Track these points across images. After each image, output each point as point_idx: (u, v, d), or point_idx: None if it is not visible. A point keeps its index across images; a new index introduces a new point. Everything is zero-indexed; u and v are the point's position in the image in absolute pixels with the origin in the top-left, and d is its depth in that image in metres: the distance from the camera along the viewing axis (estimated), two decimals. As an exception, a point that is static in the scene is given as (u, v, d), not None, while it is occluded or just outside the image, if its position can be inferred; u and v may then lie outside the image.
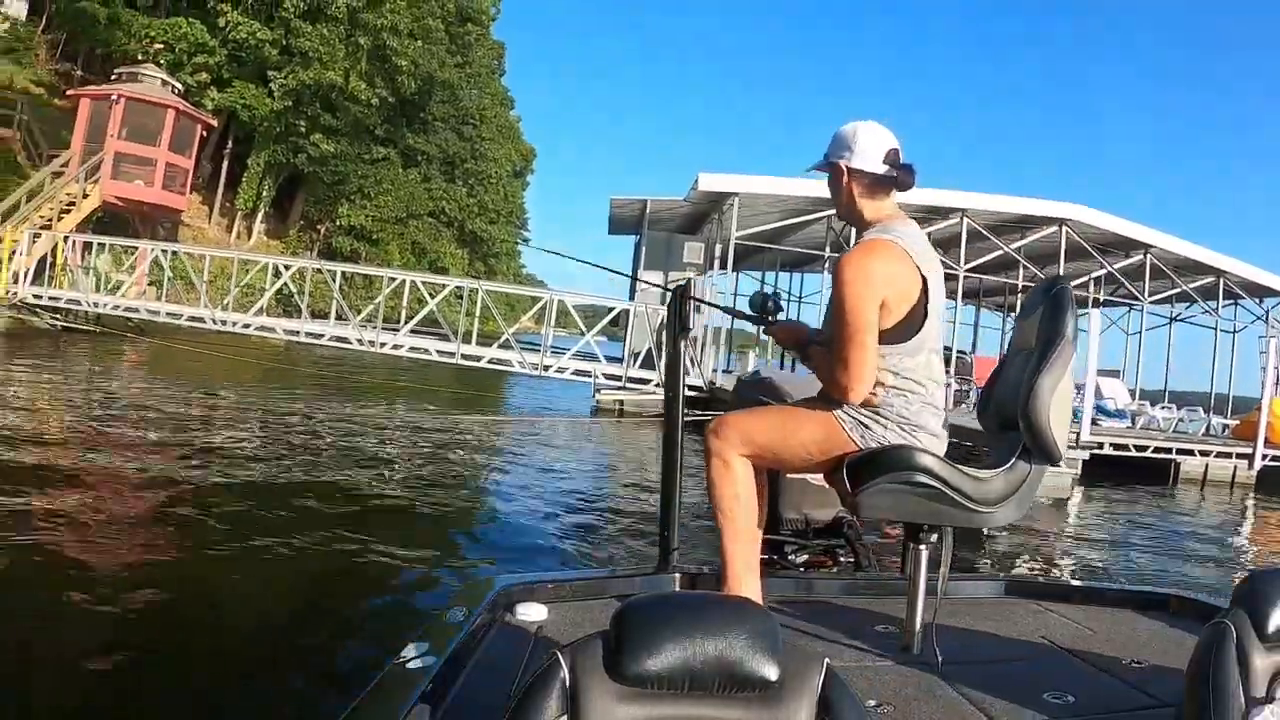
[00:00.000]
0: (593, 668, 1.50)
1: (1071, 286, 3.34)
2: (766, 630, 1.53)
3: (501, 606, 3.24)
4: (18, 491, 9.89)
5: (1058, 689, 2.82)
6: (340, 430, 17.58)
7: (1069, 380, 3.25)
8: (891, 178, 3.38)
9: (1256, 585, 2.14)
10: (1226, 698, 1.94)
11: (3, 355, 22.76)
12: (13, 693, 5.03)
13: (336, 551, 8.72)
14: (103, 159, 32.04)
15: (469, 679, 2.61)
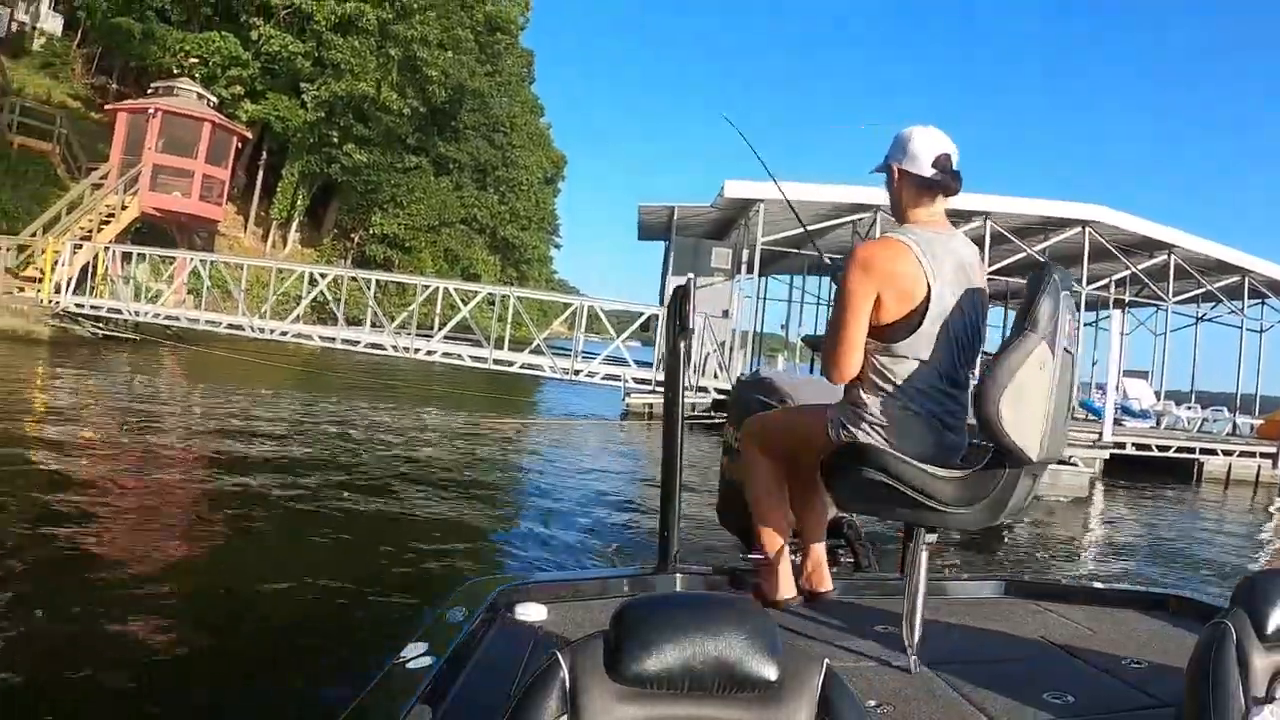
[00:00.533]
0: (593, 668, 1.51)
1: (1063, 272, 3.18)
2: (766, 630, 1.53)
3: (501, 606, 3.26)
4: (54, 488, 10.33)
5: (1058, 689, 2.83)
6: (371, 433, 17.98)
7: (1042, 374, 3.07)
8: (938, 182, 3.37)
9: (1256, 585, 2.16)
10: (1226, 698, 1.96)
11: (47, 362, 23.46)
12: (11, 687, 5.15)
13: (343, 552, 8.93)
14: (141, 171, 32.40)
15: (469, 679, 2.63)
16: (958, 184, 3.38)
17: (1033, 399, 3.07)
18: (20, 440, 13.29)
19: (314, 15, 42.61)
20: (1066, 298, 3.11)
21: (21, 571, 7.20)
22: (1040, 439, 3.09)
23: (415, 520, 10.70)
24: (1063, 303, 3.09)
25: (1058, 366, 3.08)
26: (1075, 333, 3.16)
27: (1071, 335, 3.13)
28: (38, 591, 6.82)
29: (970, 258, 3.36)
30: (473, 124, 62.48)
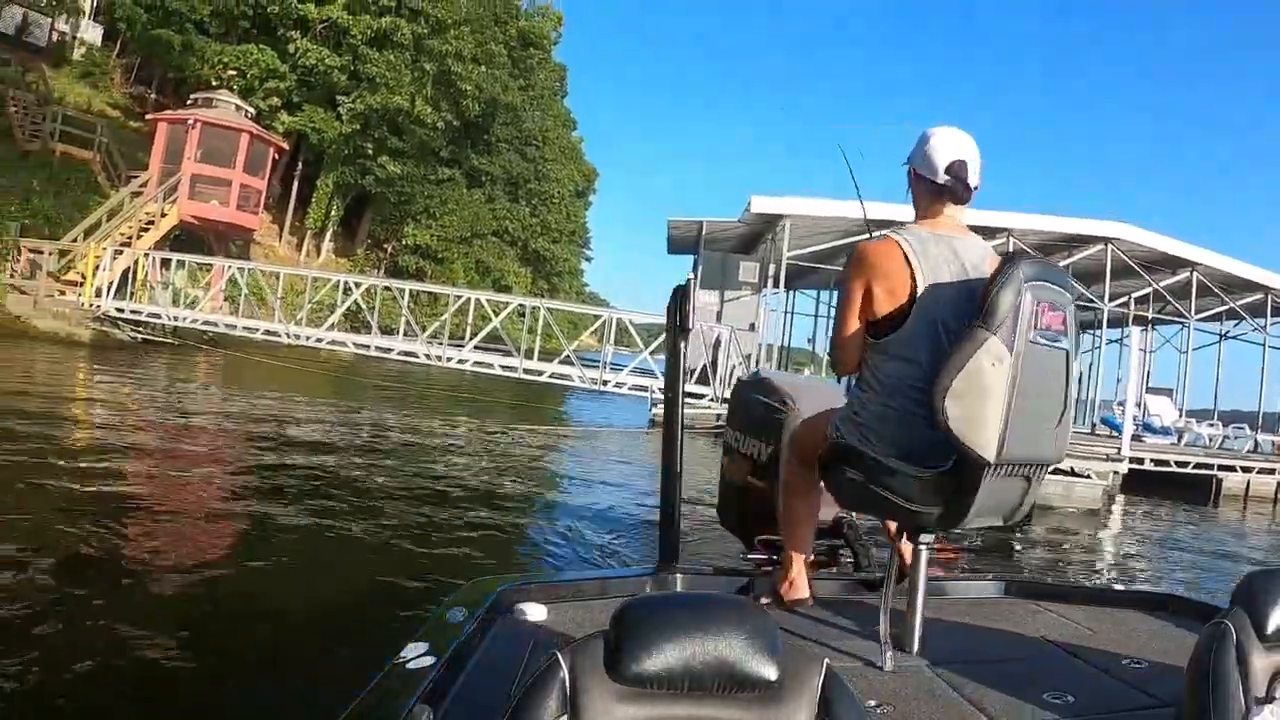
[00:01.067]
0: (593, 668, 1.51)
1: (1036, 264, 3.08)
2: (766, 631, 1.53)
3: (501, 606, 3.26)
4: (81, 484, 10.60)
5: (1058, 689, 2.83)
6: (401, 436, 18.34)
7: (997, 370, 2.94)
8: (947, 189, 3.34)
9: (1256, 585, 2.17)
10: (1226, 698, 1.96)
11: (87, 364, 23.94)
12: (15, 680, 5.19)
13: (357, 552, 8.99)
14: (180, 180, 32.94)
15: (469, 679, 2.64)
16: (967, 193, 3.35)
17: (985, 397, 2.98)
18: (59, 437, 13.72)
19: (350, 30, 43.23)
20: (1039, 288, 3.01)
21: (34, 565, 7.29)
22: (997, 438, 2.98)
23: (434, 522, 10.74)
24: (1029, 294, 2.99)
25: (1018, 362, 2.96)
26: (1061, 326, 3.07)
27: (1053, 329, 3.05)
28: (45, 586, 6.87)
29: (978, 261, 3.26)
30: (505, 137, 62.91)
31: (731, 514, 4.65)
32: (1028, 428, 3.03)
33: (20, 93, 33.97)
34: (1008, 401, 2.96)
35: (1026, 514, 3.33)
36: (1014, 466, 3.09)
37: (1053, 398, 3.12)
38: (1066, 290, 3.14)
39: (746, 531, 4.48)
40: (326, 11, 43.17)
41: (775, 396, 4.33)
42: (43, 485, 10.34)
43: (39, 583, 7.00)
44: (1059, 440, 3.18)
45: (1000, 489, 3.13)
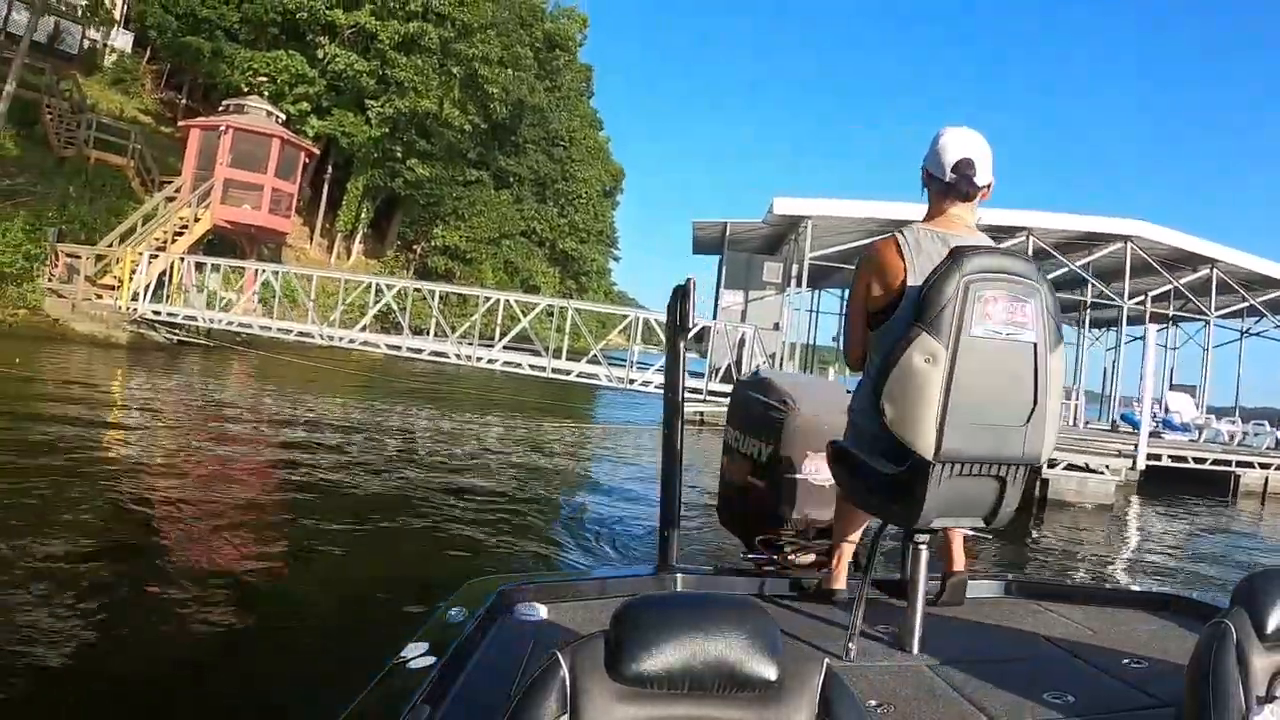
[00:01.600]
0: (593, 668, 1.51)
1: (983, 255, 3.07)
2: (766, 630, 1.53)
3: (501, 606, 3.25)
4: (110, 480, 10.89)
5: (1058, 689, 2.82)
6: (426, 434, 18.85)
7: (931, 367, 2.98)
8: (953, 186, 3.43)
9: (1256, 585, 2.16)
10: (1226, 697, 1.96)
11: (126, 366, 24.53)
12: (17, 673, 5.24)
13: (357, 550, 9.02)
14: (213, 185, 33.30)
15: (469, 679, 2.62)
16: (973, 189, 3.43)
17: (918, 395, 3.00)
18: (99, 434, 14.20)
19: (378, 35, 43.65)
20: (985, 281, 3.01)
21: (47, 559, 7.39)
22: (934, 436, 3.00)
23: (454, 518, 10.82)
24: (972, 288, 2.99)
25: (957, 358, 2.97)
26: (1024, 318, 3.02)
27: (1012, 321, 3.00)
28: (55, 579, 6.92)
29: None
30: (532, 138, 63.28)
31: (731, 514, 4.71)
32: (978, 425, 3.01)
33: (55, 100, 34.29)
34: (943, 398, 2.98)
35: (1010, 514, 3.22)
36: (976, 466, 3.07)
37: (1015, 394, 3.05)
38: (1029, 280, 3.06)
39: (746, 531, 4.53)
40: (354, 17, 43.56)
41: (775, 396, 4.38)
42: (77, 480, 10.64)
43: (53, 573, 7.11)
44: (1032, 438, 3.08)
45: (966, 488, 3.11)
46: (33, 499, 9.64)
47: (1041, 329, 3.05)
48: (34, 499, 9.64)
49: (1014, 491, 3.17)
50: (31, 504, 9.43)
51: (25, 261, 27.90)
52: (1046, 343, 3.06)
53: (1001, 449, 3.07)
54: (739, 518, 4.62)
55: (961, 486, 3.10)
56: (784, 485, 4.29)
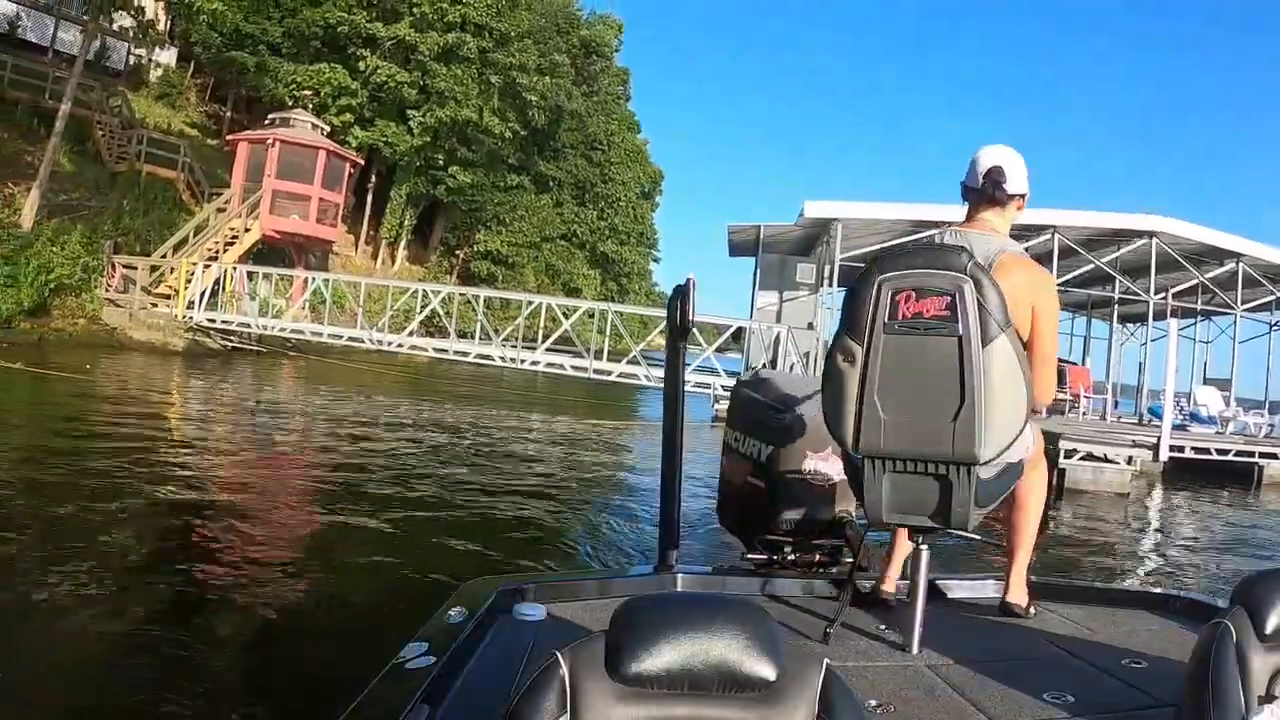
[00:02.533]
0: (592, 668, 1.51)
1: (897, 255, 3.20)
2: (766, 631, 1.53)
3: (501, 606, 3.24)
4: (157, 477, 11.23)
5: (1058, 689, 2.82)
6: (471, 431, 19.48)
7: (850, 365, 3.13)
8: (983, 190, 3.64)
9: (1256, 585, 2.14)
10: (1226, 697, 1.94)
11: (183, 371, 25.51)
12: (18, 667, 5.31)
13: (364, 550, 8.96)
14: (261, 197, 34.16)
15: (469, 679, 2.63)
16: (1000, 194, 3.62)
17: (839, 392, 3.16)
18: (154, 432, 14.97)
19: (418, 46, 44.34)
20: (901, 279, 3.09)
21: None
22: (852, 429, 3.13)
23: (480, 515, 10.97)
24: (886, 287, 3.10)
25: (874, 356, 3.10)
26: (944, 313, 3.03)
27: (928, 316, 3.05)
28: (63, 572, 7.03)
29: (990, 256, 3.40)
30: (571, 143, 63.41)
31: (731, 514, 4.68)
32: (897, 421, 3.08)
33: (106, 117, 34.97)
34: (859, 395, 3.11)
35: (971, 516, 3.15)
36: (908, 463, 3.12)
37: (938, 390, 3.05)
38: (955, 274, 3.05)
39: (746, 531, 4.52)
40: (395, 30, 44.25)
41: (775, 396, 4.40)
42: (136, 468, 11.34)
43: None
44: (961, 436, 3.04)
45: (907, 486, 3.16)
46: (99, 481, 10.40)
47: (970, 324, 3.00)
48: (100, 482, 10.39)
49: (966, 492, 3.10)
50: (93, 485, 10.21)
51: (83, 273, 28.46)
52: (975, 338, 3.00)
53: (925, 445, 3.09)
54: (739, 518, 4.59)
55: (902, 484, 3.16)
56: (784, 485, 4.28)
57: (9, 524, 8.61)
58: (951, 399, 3.03)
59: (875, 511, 3.20)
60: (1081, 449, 17.95)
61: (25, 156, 30.86)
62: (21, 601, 6.54)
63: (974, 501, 3.12)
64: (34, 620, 6.26)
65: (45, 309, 27.02)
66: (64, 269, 27.55)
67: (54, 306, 27.45)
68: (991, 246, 3.47)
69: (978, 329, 3.00)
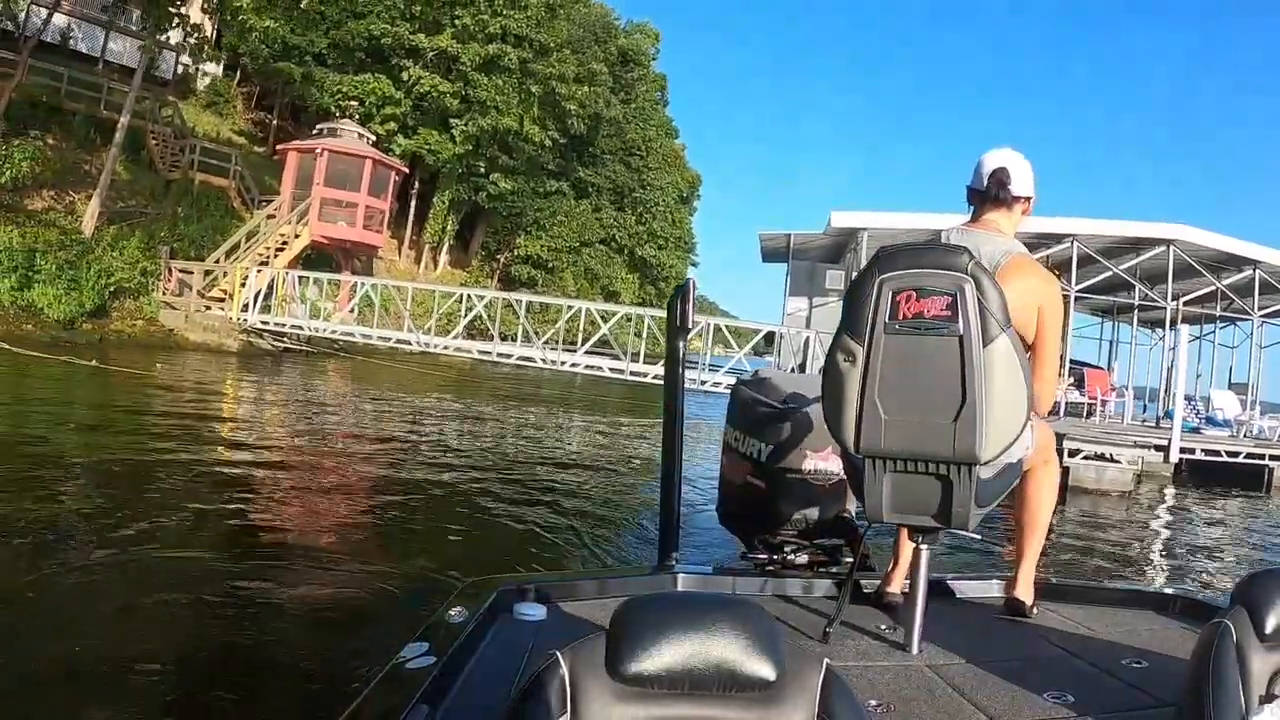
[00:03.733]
0: (592, 668, 1.51)
1: (896, 253, 3.18)
2: (766, 630, 1.52)
3: (501, 606, 3.24)
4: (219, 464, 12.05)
5: (1058, 689, 2.82)
6: (520, 429, 20.52)
7: (851, 365, 3.15)
8: (985, 191, 3.66)
9: (1256, 584, 2.14)
10: (1226, 697, 1.93)
11: (237, 370, 26.71)
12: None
13: (370, 548, 9.02)
14: (310, 204, 35.65)
15: (469, 679, 2.62)
16: (1004, 194, 3.63)
17: (840, 392, 3.16)
18: (213, 429, 16.02)
19: (460, 57, 45.02)
20: (900, 279, 3.09)
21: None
22: (853, 429, 3.14)
23: (503, 512, 11.02)
24: (887, 287, 3.09)
25: (875, 355, 3.09)
26: (945, 313, 3.03)
27: (929, 316, 3.04)
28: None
29: (997, 257, 3.43)
30: (609, 149, 63.86)
31: (731, 513, 4.68)
32: (899, 421, 3.08)
33: (158, 127, 35.95)
34: (860, 395, 3.10)
35: (973, 515, 3.15)
36: (908, 463, 3.12)
37: (939, 390, 3.05)
38: (956, 274, 3.05)
39: (746, 531, 4.54)
40: (437, 41, 44.92)
41: (775, 396, 4.39)
42: (193, 456, 12.28)
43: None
44: (962, 435, 3.03)
45: (908, 485, 3.15)
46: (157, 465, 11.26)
47: (970, 324, 3.01)
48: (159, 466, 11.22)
49: (966, 491, 3.10)
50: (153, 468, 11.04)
51: (141, 277, 29.68)
52: (976, 338, 3.01)
53: (925, 445, 3.08)
54: (739, 517, 4.61)
55: (903, 484, 3.15)
56: (784, 485, 4.27)
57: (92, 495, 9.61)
58: (952, 399, 3.04)
59: (876, 511, 3.21)
60: (1085, 449, 18.60)
61: (83, 165, 32.00)
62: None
63: (974, 501, 3.13)
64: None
65: (105, 311, 28.24)
66: (123, 273, 28.76)
67: (113, 309, 28.71)
68: (998, 248, 3.49)
69: (978, 329, 3.01)
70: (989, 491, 3.21)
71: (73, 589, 6.65)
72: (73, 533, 8.35)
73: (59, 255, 26.73)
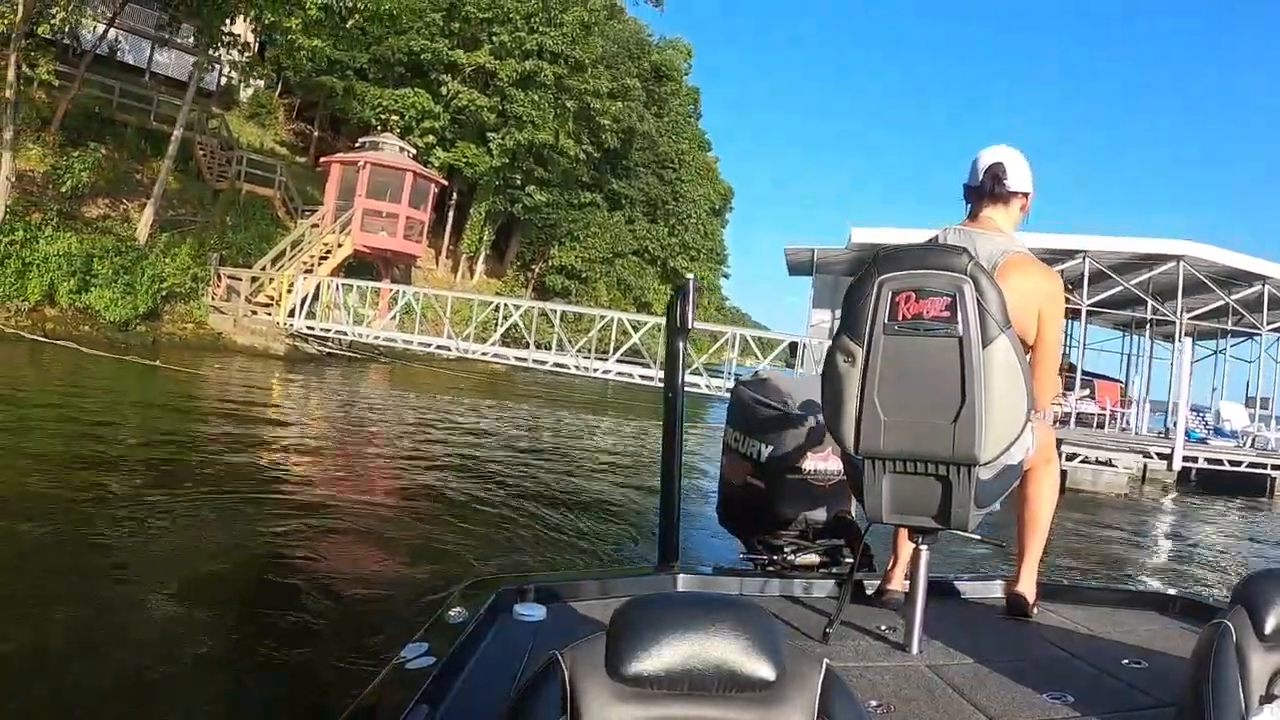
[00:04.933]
0: (592, 668, 1.51)
1: (897, 254, 3.19)
2: (766, 630, 1.51)
3: (501, 606, 3.23)
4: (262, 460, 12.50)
5: (1058, 689, 2.81)
6: (556, 431, 21.41)
7: (850, 365, 3.14)
8: (978, 187, 3.66)
9: (1256, 585, 2.13)
10: (1226, 697, 1.93)
11: (284, 372, 27.95)
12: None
13: (373, 547, 8.90)
14: (353, 215, 36.85)
15: (469, 679, 2.62)
16: (1000, 189, 3.63)
17: (840, 392, 3.14)
18: (260, 425, 16.70)
19: (497, 73, 46.13)
20: (900, 279, 3.08)
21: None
22: (853, 432, 3.12)
23: (522, 511, 10.97)
24: (886, 287, 3.08)
25: (875, 356, 3.08)
26: (945, 314, 3.02)
27: (929, 317, 3.03)
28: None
29: (995, 256, 3.41)
30: (643, 161, 64.68)
31: (731, 514, 4.64)
32: (899, 422, 3.07)
33: (206, 138, 37.01)
34: (859, 395, 3.09)
35: (973, 516, 3.15)
36: (909, 464, 3.10)
37: (939, 391, 3.04)
38: (955, 274, 3.05)
39: (746, 531, 4.52)
40: (475, 58, 45.99)
41: (775, 396, 4.36)
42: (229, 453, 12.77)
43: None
44: (962, 436, 3.02)
45: (907, 486, 3.14)
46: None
47: (970, 325, 3.00)
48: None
49: (966, 492, 3.09)
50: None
51: (192, 283, 30.87)
52: (975, 338, 3.00)
53: (925, 446, 3.07)
54: (739, 518, 4.58)
55: (903, 484, 3.14)
56: (784, 485, 4.26)
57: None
58: (952, 400, 3.02)
59: (876, 512, 3.20)
60: (1081, 453, 19.57)
61: (135, 174, 33.16)
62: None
63: (974, 502, 3.11)
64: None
65: (157, 314, 29.45)
66: (175, 278, 29.94)
67: (165, 312, 29.87)
68: (996, 246, 3.47)
69: (978, 330, 3.00)
70: (989, 492, 3.23)
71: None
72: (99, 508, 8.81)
73: (115, 260, 27.83)
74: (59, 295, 26.59)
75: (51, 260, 26.40)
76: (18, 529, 7.80)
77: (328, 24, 33.63)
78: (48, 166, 29.11)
